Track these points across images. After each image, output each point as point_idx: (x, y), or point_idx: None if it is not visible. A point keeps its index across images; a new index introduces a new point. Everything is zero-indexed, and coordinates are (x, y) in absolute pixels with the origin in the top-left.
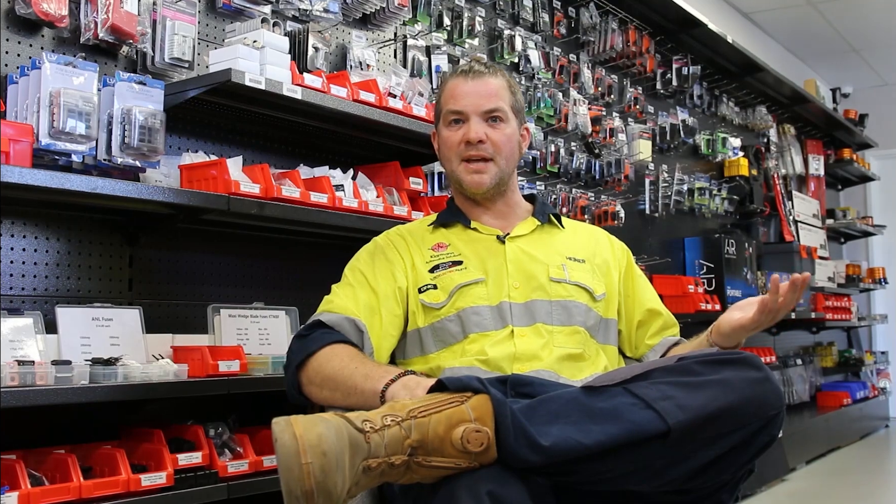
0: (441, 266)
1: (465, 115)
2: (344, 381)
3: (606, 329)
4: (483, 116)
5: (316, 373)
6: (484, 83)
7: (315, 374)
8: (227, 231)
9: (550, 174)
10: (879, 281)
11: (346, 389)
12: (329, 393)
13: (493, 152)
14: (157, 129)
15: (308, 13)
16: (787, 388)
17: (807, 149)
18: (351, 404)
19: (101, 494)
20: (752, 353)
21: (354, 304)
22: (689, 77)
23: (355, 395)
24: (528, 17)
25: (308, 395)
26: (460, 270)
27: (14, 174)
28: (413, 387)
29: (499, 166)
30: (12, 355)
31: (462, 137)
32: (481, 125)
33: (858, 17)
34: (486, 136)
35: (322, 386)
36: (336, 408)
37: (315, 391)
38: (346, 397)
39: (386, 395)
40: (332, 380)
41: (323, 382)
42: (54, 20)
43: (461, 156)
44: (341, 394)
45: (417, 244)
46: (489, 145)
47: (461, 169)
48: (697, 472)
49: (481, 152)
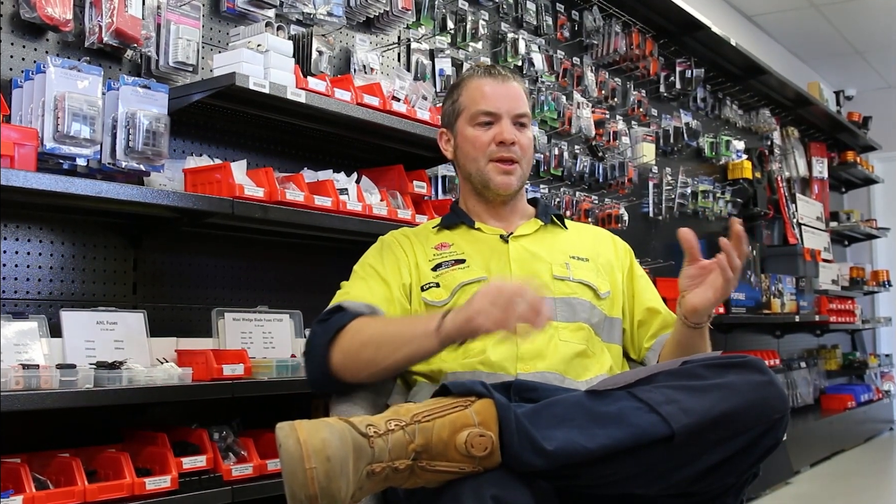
0: (444, 264)
1: (497, 116)
2: (389, 336)
3: (611, 328)
4: (513, 119)
5: (352, 341)
6: (512, 87)
7: (351, 343)
8: (231, 234)
9: (554, 177)
10: (883, 284)
11: (393, 343)
12: (372, 352)
13: (520, 155)
14: (162, 133)
15: (312, 17)
16: (791, 391)
17: (810, 151)
18: (399, 358)
19: (105, 498)
20: (757, 357)
21: (370, 295)
22: (693, 80)
23: (405, 344)
24: (531, 21)
25: (340, 372)
26: (463, 269)
27: (19, 178)
28: (466, 306)
29: (523, 169)
30: (17, 359)
31: (494, 138)
32: (513, 127)
33: (862, 19)
34: (516, 139)
35: (362, 348)
36: (372, 373)
37: (351, 361)
38: (393, 351)
39: (443, 326)
40: (373, 340)
41: (363, 345)
42: (59, 24)
43: (491, 156)
44: (387, 349)
45: (421, 243)
46: (518, 148)
47: (490, 168)
48: (702, 475)
49: (512, 154)
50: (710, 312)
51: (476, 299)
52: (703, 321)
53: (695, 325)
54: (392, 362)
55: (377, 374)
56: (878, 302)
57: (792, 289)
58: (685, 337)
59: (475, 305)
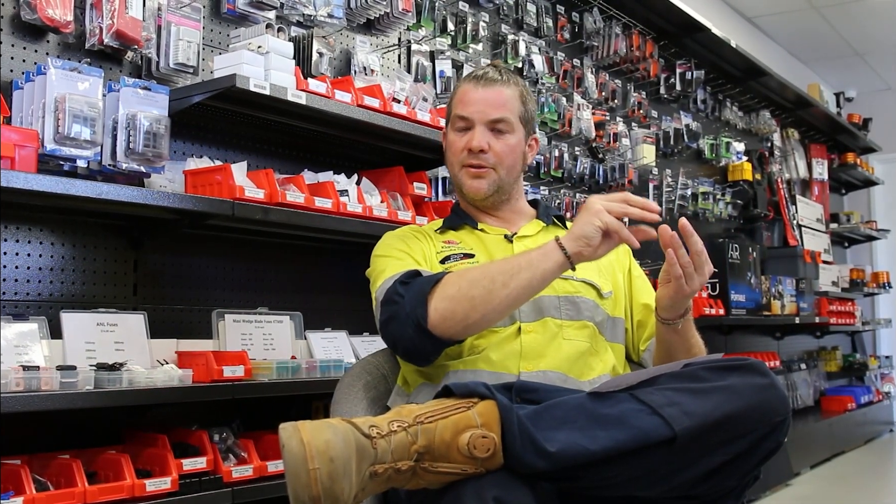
0: (452, 257)
1: (470, 123)
2: (500, 269)
3: (614, 327)
4: (488, 125)
5: (457, 283)
6: (494, 92)
7: (455, 285)
8: (231, 236)
9: (554, 179)
10: (883, 285)
11: (507, 272)
12: (485, 287)
13: (494, 162)
14: (162, 135)
15: (312, 18)
16: (792, 393)
17: (810, 153)
18: (517, 284)
19: (105, 500)
20: (758, 360)
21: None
22: (693, 81)
23: (521, 269)
24: (531, 22)
25: (442, 321)
26: (472, 263)
27: (19, 179)
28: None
29: (498, 175)
30: (17, 360)
31: (465, 144)
32: (485, 134)
33: (862, 21)
34: (489, 146)
35: (472, 286)
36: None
37: (459, 303)
38: (509, 279)
39: (564, 240)
40: (483, 276)
41: (472, 283)
42: (59, 26)
43: (463, 162)
44: (503, 278)
45: (428, 238)
46: (491, 155)
47: (462, 173)
48: (703, 478)
49: (481, 161)
50: (672, 308)
51: (587, 205)
52: (671, 318)
53: (663, 320)
54: (509, 292)
55: (490, 313)
56: (878, 303)
57: (792, 290)
58: (660, 333)
59: (592, 207)
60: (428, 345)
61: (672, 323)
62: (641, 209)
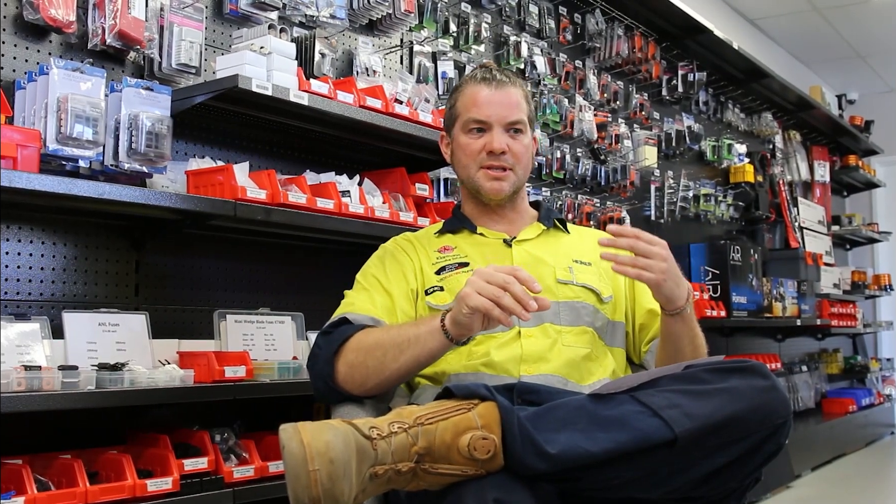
0: (448, 268)
1: (488, 125)
2: (392, 341)
3: (614, 331)
4: (506, 127)
5: (356, 349)
6: (507, 93)
7: (355, 351)
8: (233, 237)
9: (556, 180)
10: (885, 287)
11: (398, 346)
12: (378, 358)
13: (513, 163)
14: (164, 135)
15: (315, 19)
16: (793, 395)
17: (812, 155)
18: (406, 361)
19: (107, 500)
20: (760, 362)
21: (373, 306)
22: (695, 83)
23: (411, 345)
24: (533, 24)
25: (345, 383)
26: (467, 272)
27: (21, 179)
28: (462, 297)
29: (517, 175)
30: (19, 360)
31: (484, 147)
32: (503, 136)
33: (864, 23)
34: (508, 147)
35: (368, 356)
36: (379, 381)
37: (357, 371)
38: (399, 354)
39: (446, 322)
40: (379, 346)
41: (368, 352)
42: (62, 26)
43: (482, 164)
44: (393, 352)
45: (424, 247)
46: (510, 156)
47: (480, 175)
48: (704, 479)
49: (502, 163)
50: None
51: (470, 279)
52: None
53: (668, 312)
54: (399, 366)
55: (384, 382)
56: (880, 306)
57: (793, 292)
58: (667, 326)
59: (469, 285)
60: (335, 396)
61: (678, 312)
62: (522, 284)
